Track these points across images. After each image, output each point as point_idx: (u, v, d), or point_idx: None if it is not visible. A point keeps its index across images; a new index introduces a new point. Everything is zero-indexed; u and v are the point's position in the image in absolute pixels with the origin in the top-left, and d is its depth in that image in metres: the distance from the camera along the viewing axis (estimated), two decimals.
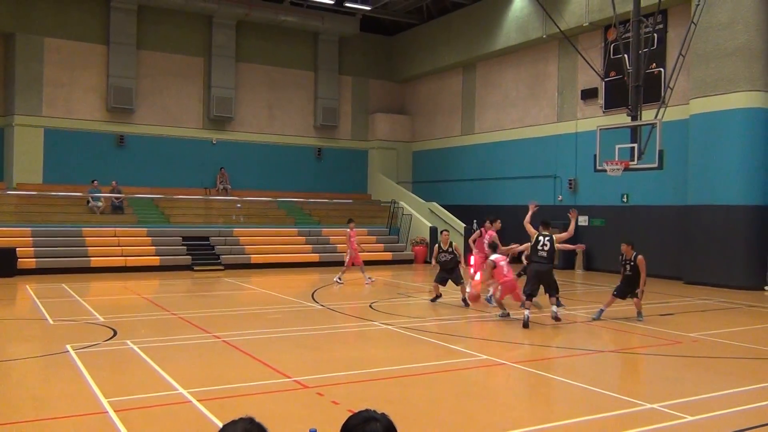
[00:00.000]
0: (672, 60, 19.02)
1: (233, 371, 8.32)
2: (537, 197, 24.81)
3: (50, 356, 9.05)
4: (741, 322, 12.86)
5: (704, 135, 18.69)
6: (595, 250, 22.52)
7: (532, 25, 24.31)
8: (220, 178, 27.46)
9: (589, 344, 10.83)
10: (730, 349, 10.17)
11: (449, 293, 15.05)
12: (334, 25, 29.34)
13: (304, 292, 16.66)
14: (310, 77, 30.11)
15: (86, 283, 18.15)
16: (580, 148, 23.02)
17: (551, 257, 11.98)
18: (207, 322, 11.76)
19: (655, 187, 20.67)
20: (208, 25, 27.71)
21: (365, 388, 7.68)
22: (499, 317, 12.68)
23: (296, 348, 9.94)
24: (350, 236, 18.45)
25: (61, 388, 7.52)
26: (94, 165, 25.18)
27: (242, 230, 24.38)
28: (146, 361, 8.65)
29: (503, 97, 26.79)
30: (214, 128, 28.11)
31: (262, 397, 7.19)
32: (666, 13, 20.49)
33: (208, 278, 19.98)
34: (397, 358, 9.35)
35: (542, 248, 11.93)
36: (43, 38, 24.94)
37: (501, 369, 8.68)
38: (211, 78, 27.67)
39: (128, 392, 7.31)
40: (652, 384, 7.93)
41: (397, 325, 11.69)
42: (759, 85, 18.03)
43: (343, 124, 31.10)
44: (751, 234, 18.06)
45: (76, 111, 25.53)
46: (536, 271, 11.96)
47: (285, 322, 12.59)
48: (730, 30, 18.06)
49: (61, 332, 10.93)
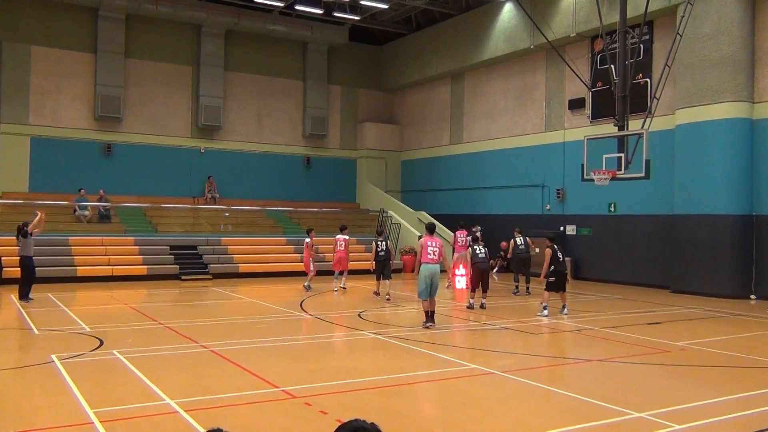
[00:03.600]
0: (658, 70, 19.20)
1: (221, 381, 8.27)
2: (525, 206, 25.02)
3: (35, 366, 8.95)
4: (728, 331, 12.94)
5: (690, 145, 18.85)
6: (583, 259, 22.62)
7: (520, 36, 24.47)
8: (209, 187, 27.37)
9: (577, 353, 10.85)
10: (717, 357, 10.22)
11: (440, 303, 15.03)
12: (323, 34, 29.40)
13: (292, 301, 16.60)
14: (299, 86, 30.13)
15: (72, 292, 18.01)
16: (568, 157, 23.15)
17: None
18: (194, 331, 11.68)
19: (642, 197, 20.81)
20: (196, 34, 27.69)
21: (354, 398, 7.64)
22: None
23: (284, 358, 9.90)
24: (309, 245, 19.26)
25: (46, 398, 7.43)
26: (81, 174, 25.04)
27: (230, 239, 24.30)
28: (133, 372, 8.57)
29: (491, 107, 26.91)
30: (202, 137, 28.04)
31: (249, 408, 7.15)
32: (652, 25, 20.70)
33: (196, 287, 19.87)
34: (385, 367, 9.32)
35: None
36: (30, 46, 24.84)
37: (489, 378, 8.67)
38: (200, 87, 27.62)
39: (114, 403, 7.23)
40: (640, 393, 7.95)
41: (386, 335, 11.67)
42: (744, 95, 18.22)
43: (332, 133, 31.12)
44: (736, 243, 18.19)
45: (63, 119, 25.40)
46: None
47: (273, 331, 12.54)
48: (715, 41, 18.26)
49: (46, 342, 10.83)
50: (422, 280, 12.35)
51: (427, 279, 12.29)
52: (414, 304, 17.07)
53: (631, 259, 21.26)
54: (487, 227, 24.31)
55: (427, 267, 12.33)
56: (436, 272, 12.40)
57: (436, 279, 12.41)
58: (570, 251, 22.79)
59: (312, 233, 19.54)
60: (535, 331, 12.30)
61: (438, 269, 12.48)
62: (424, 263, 12.37)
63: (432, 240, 12.54)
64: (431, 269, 12.33)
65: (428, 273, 12.30)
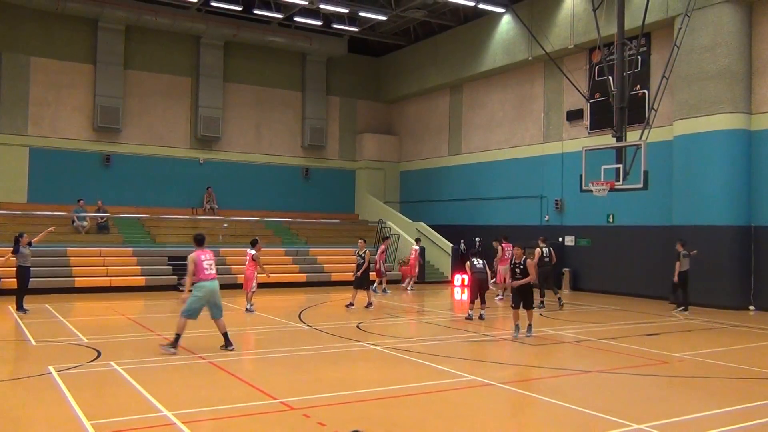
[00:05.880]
0: (656, 82, 19.28)
1: (219, 393, 8.24)
2: (524, 217, 25.03)
3: (32, 378, 8.92)
4: (726, 342, 12.92)
5: (688, 156, 18.90)
6: (582, 270, 22.62)
7: (518, 47, 24.58)
8: (207, 198, 27.38)
9: (575, 364, 10.82)
10: (715, 369, 10.21)
11: (436, 313, 15.01)
12: (322, 46, 29.51)
13: (290, 312, 16.57)
14: (297, 97, 30.21)
15: (70, 303, 17.96)
16: (566, 168, 23.20)
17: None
18: (192, 342, 11.64)
19: (641, 208, 20.83)
20: (195, 46, 27.79)
21: (352, 409, 7.62)
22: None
23: (282, 369, 9.87)
24: (255, 257, 16.40)
25: (43, 410, 7.40)
26: (79, 184, 25.05)
27: (228, 250, 24.24)
28: (131, 383, 8.54)
29: (490, 118, 26.99)
30: (201, 148, 28.08)
31: (248, 419, 7.12)
32: (649, 36, 20.80)
33: None
34: (384, 379, 9.29)
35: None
36: (30, 57, 24.92)
37: (488, 390, 8.65)
38: (199, 98, 27.69)
39: (112, 414, 7.20)
40: (638, 404, 7.93)
41: (385, 346, 11.65)
42: (741, 106, 18.29)
43: (331, 144, 31.17)
44: (735, 254, 18.20)
45: (62, 130, 25.44)
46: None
47: (271, 342, 12.51)
48: (713, 53, 18.34)
49: (43, 353, 10.79)
50: (199, 300, 10.58)
51: (207, 298, 10.63)
52: (413, 315, 17.06)
53: (630, 270, 21.25)
54: (485, 239, 24.32)
55: (205, 285, 10.58)
56: (218, 290, 10.79)
57: (217, 298, 10.76)
58: (569, 262, 22.81)
59: (258, 245, 16.62)
60: (533, 343, 12.27)
61: (218, 286, 10.84)
62: (203, 281, 10.54)
63: (205, 253, 10.77)
64: (212, 286, 10.66)
65: (209, 291, 10.62)
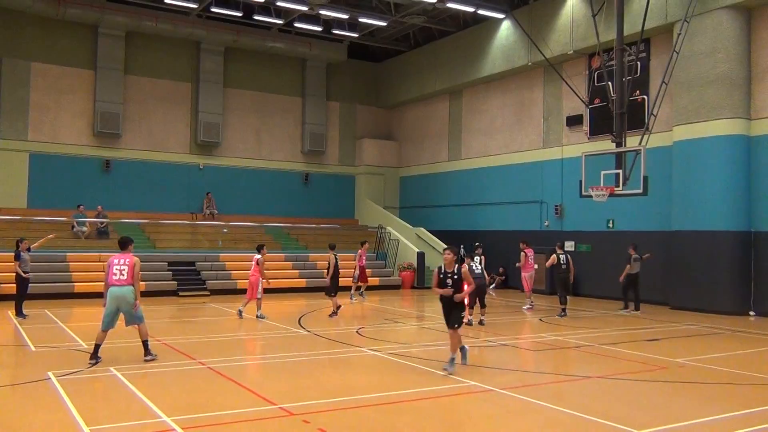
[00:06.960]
0: (655, 87, 19.31)
1: (218, 398, 8.22)
2: (524, 223, 25.03)
3: (31, 383, 8.90)
4: (727, 348, 12.90)
5: (687, 161, 18.91)
6: (582, 275, 22.58)
7: (518, 53, 24.62)
8: (207, 203, 27.39)
9: (576, 370, 10.81)
10: (716, 374, 10.19)
11: (432, 318, 15.00)
12: (322, 51, 29.57)
13: (290, 317, 16.55)
14: (297, 103, 30.26)
15: (70, 308, 17.94)
16: (566, 174, 23.21)
17: None
18: (192, 348, 11.63)
19: (640, 213, 20.84)
20: (196, 51, 27.84)
21: (352, 415, 7.60)
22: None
23: (282, 374, 9.85)
24: (259, 263, 16.17)
25: (42, 416, 7.38)
26: (79, 190, 25.06)
27: (228, 255, 24.25)
28: (130, 389, 8.52)
29: (489, 124, 27.01)
30: (201, 153, 28.10)
31: (247, 425, 7.10)
32: (649, 42, 20.84)
33: (194, 304, 19.81)
34: (384, 384, 9.27)
35: None
36: (30, 63, 24.96)
37: (488, 395, 8.63)
38: (199, 103, 27.73)
39: (111, 420, 7.18)
40: (639, 409, 7.91)
41: (385, 351, 11.63)
42: (740, 112, 18.31)
43: (331, 149, 31.20)
44: (735, 259, 18.20)
45: (62, 136, 25.47)
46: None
47: (271, 348, 12.49)
48: (712, 58, 18.38)
49: (42, 359, 10.77)
50: (107, 307, 10.16)
51: (115, 304, 10.12)
52: (413, 320, 17.05)
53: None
54: (485, 243, 24.27)
55: (111, 291, 10.10)
56: (125, 296, 10.11)
57: (124, 305, 10.14)
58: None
59: (264, 250, 16.42)
60: (534, 348, 12.25)
61: (128, 292, 10.13)
62: (110, 286, 10.13)
63: (122, 257, 10.27)
64: (116, 292, 10.09)
65: (113, 297, 10.09)
